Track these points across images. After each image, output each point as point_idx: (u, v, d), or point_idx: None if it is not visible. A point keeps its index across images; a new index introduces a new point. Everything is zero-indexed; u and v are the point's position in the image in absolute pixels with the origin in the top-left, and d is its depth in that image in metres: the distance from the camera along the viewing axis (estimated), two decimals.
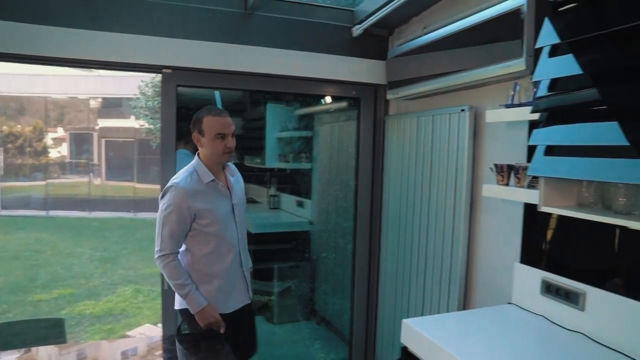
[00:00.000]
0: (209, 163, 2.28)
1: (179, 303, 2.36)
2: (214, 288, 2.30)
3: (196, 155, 2.32)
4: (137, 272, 7.86)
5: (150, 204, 10.94)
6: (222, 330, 2.26)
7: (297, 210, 4.79)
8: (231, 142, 2.24)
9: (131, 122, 16.92)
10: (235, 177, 2.43)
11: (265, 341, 4.03)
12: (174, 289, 2.25)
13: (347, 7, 3.21)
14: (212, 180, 2.26)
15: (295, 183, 5.11)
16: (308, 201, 4.63)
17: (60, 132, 18.83)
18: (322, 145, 4.46)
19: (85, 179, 16.80)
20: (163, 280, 2.64)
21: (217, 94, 4.76)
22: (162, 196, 2.23)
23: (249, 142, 5.28)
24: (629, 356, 1.66)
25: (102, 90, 17.21)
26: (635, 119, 1.40)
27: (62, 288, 6.91)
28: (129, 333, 5.00)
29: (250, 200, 5.17)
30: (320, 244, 4.50)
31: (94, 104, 18.83)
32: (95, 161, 18.28)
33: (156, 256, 2.21)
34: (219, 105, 4.87)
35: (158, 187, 2.73)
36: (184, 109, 3.04)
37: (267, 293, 4.54)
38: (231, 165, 2.45)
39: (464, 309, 2.53)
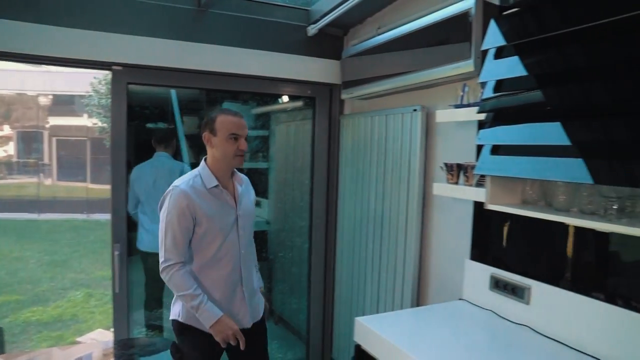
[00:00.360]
0: (217, 167, 2.08)
1: (174, 313, 2.15)
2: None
3: (203, 160, 2.13)
4: (89, 275, 7.60)
5: (104, 205, 10.60)
6: (242, 346, 2.02)
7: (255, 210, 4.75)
8: (244, 145, 2.06)
9: (84, 121, 16.38)
10: (244, 187, 2.22)
11: None
12: (183, 301, 2.04)
13: (302, 6, 3.21)
14: (216, 186, 2.06)
15: (252, 183, 5.07)
16: (265, 201, 4.60)
17: (6, 130, 18.01)
18: (279, 145, 4.45)
19: (34, 180, 16.12)
20: (114, 282, 2.56)
21: (173, 92, 4.66)
22: (162, 204, 2.06)
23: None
24: (569, 346, 1.74)
25: (53, 86, 16.55)
26: (575, 120, 1.46)
27: (5, 295, 6.57)
28: (79, 339, 4.82)
29: None
30: (277, 244, 4.48)
31: (44, 101, 18.08)
32: (46, 161, 17.58)
33: (161, 269, 2.01)
34: (175, 103, 4.78)
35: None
36: (139, 107, 2.96)
37: None
38: (241, 175, 2.26)
39: (417, 305, 2.58)
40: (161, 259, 2.00)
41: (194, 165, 4.58)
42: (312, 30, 3.11)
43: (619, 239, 1.65)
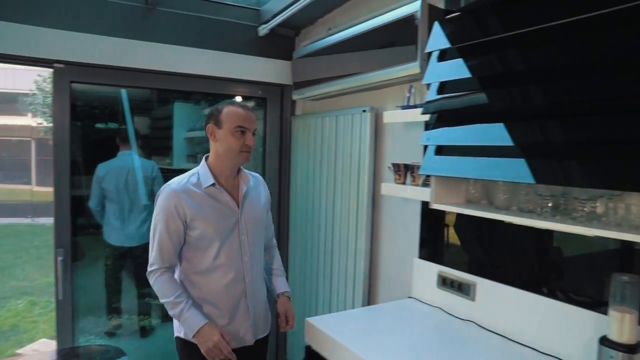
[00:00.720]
0: (219, 164, 1.90)
1: (175, 328, 1.97)
2: (207, 310, 1.90)
3: (203, 159, 1.95)
4: (33, 282, 7.24)
5: (51, 209, 10.10)
6: None
7: None
8: (251, 140, 1.87)
9: (28, 120, 15.64)
10: (252, 188, 2.02)
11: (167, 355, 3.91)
12: (168, 310, 1.84)
13: (253, 6, 3.19)
14: (212, 185, 1.87)
15: None
16: None
17: None
18: None
19: None
20: (57, 289, 2.45)
21: (123, 92, 4.53)
22: (156, 199, 1.90)
23: (157, 142, 5.09)
24: (512, 340, 1.81)
25: None
26: (515, 121, 1.50)
27: None
28: (19, 351, 4.59)
29: None
30: None
31: None
32: None
33: (147, 273, 1.88)
34: (126, 103, 4.65)
35: None
36: (88, 106, 2.86)
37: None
38: (251, 173, 2.06)
39: (368, 304, 2.60)
40: (149, 263, 1.87)
41: None
42: (263, 30, 3.09)
43: (558, 235, 1.73)
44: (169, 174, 4.93)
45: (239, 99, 4.00)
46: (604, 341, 1.44)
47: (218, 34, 3.00)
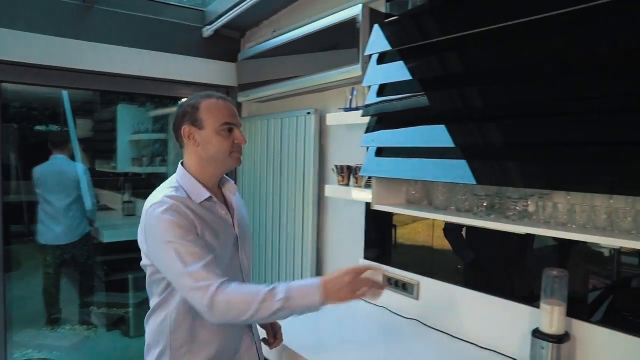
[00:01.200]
0: (205, 172, 1.49)
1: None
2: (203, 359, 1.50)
3: (180, 166, 1.53)
4: None
5: None
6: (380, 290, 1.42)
7: None
8: (242, 137, 1.50)
9: None
10: (238, 197, 1.67)
11: (121, 357, 3.79)
12: (269, 319, 1.36)
13: (197, 7, 3.14)
14: (209, 199, 1.47)
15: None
16: None
17: None
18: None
19: None
20: None
21: (65, 93, 4.37)
22: (144, 233, 1.42)
23: (100, 145, 4.94)
24: (454, 336, 1.86)
25: None
26: (452, 123, 1.54)
27: None
28: None
29: (103, 208, 4.84)
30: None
31: None
32: None
33: (195, 302, 1.32)
34: (67, 105, 4.48)
35: None
36: (26, 108, 2.73)
37: (123, 305, 4.27)
38: (231, 181, 1.66)
39: None
40: (186, 289, 1.32)
41: (91, 171, 4.35)
42: (208, 31, 3.05)
43: (496, 234, 1.80)
44: (112, 177, 4.80)
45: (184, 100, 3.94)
46: (536, 333, 1.51)
47: (161, 35, 2.94)
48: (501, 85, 1.43)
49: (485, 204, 1.56)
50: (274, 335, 1.74)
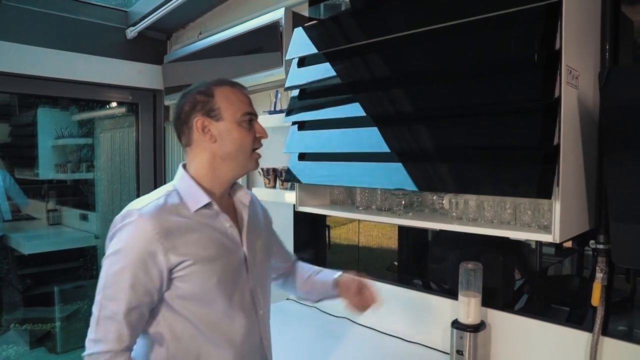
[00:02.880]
0: (216, 174, 1.23)
1: None
2: None
3: (180, 168, 1.28)
4: None
5: None
6: None
7: (82, 225, 4.39)
8: (263, 131, 1.27)
9: None
10: (252, 207, 1.35)
11: None
12: None
13: (119, 7, 3.04)
14: (207, 205, 1.20)
15: (78, 195, 4.67)
16: (93, 214, 4.26)
17: None
18: (105, 153, 4.16)
19: None
20: None
21: None
22: (112, 234, 1.15)
23: (20, 151, 4.66)
24: (382, 332, 1.92)
25: None
26: (374, 126, 1.57)
27: None
28: None
29: (26, 217, 4.58)
30: None
31: None
32: None
33: (86, 354, 1.09)
34: None
35: None
36: None
37: (48, 320, 4.05)
38: (245, 188, 1.36)
39: None
40: (89, 336, 1.10)
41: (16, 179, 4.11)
42: (132, 33, 2.96)
43: (423, 233, 1.87)
44: (35, 185, 4.55)
45: (113, 104, 3.81)
46: (455, 324, 1.58)
47: (82, 36, 2.82)
48: (403, 90, 1.47)
49: (403, 203, 1.62)
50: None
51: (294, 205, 2.10)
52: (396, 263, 1.98)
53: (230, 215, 1.25)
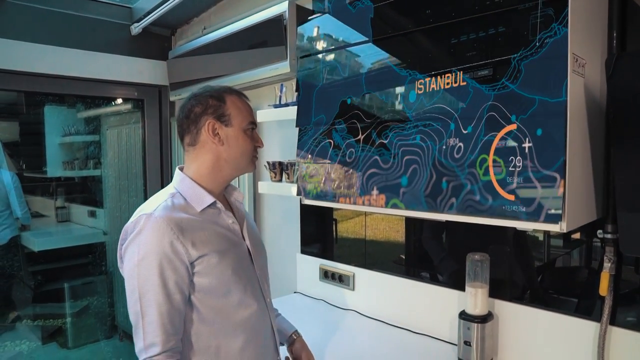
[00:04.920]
0: (215, 176, 1.30)
1: None
2: None
3: (177, 171, 1.32)
4: None
5: None
6: None
7: (90, 221, 4.43)
8: (261, 141, 1.36)
9: None
10: (243, 208, 1.46)
11: None
12: None
13: (123, 3, 3.04)
14: (212, 205, 1.27)
15: (86, 192, 4.71)
16: (101, 210, 4.30)
17: None
18: (112, 150, 4.18)
19: None
20: None
21: None
22: (122, 251, 1.20)
23: (27, 150, 4.70)
24: (389, 323, 1.92)
25: None
26: None
27: None
28: None
29: (35, 215, 4.63)
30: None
31: None
32: None
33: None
34: None
35: None
36: None
37: (59, 316, 4.10)
38: (238, 188, 1.45)
39: None
40: (138, 345, 1.13)
41: (19, 176, 4.15)
42: (136, 29, 2.97)
43: (430, 225, 1.87)
44: (43, 183, 4.59)
45: (119, 100, 3.83)
46: (462, 315, 1.58)
47: (87, 33, 2.82)
48: None
49: None
50: None
51: (300, 198, 2.11)
52: (403, 256, 1.98)
53: (228, 210, 1.33)
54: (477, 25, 1.24)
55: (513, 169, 1.17)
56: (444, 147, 1.32)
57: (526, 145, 1.14)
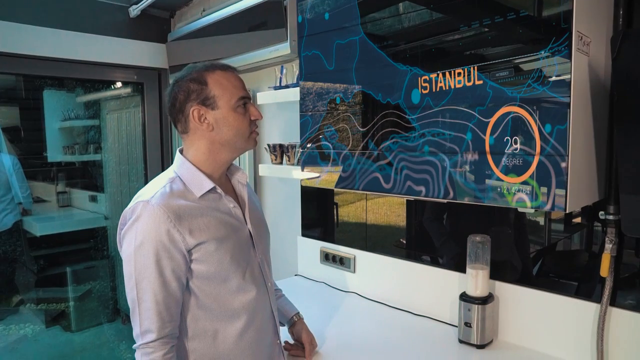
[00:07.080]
0: (214, 159, 1.26)
1: None
2: None
3: (178, 154, 1.29)
4: None
5: None
6: None
7: (91, 206, 4.43)
8: (258, 114, 1.28)
9: None
10: (248, 186, 1.41)
11: (62, 353, 3.68)
12: None
13: None
14: (212, 190, 1.24)
15: (87, 177, 4.71)
16: (102, 195, 4.30)
17: None
18: (112, 134, 4.17)
19: None
20: None
21: None
22: (121, 237, 1.19)
23: (28, 135, 4.69)
24: (390, 305, 1.93)
25: None
26: None
27: None
28: None
29: (37, 200, 4.64)
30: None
31: None
32: None
33: (136, 346, 1.15)
34: None
35: None
36: None
37: (62, 300, 4.13)
38: (241, 169, 1.40)
39: None
40: (136, 331, 1.16)
41: (20, 161, 4.14)
42: (135, 11, 2.93)
43: (431, 207, 1.86)
44: (44, 168, 4.59)
45: (119, 84, 3.80)
46: (463, 296, 1.59)
47: (84, 15, 2.79)
48: None
49: None
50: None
51: (301, 181, 2.11)
52: (404, 240, 1.98)
53: (231, 195, 1.30)
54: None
55: (515, 151, 1.16)
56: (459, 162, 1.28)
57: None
